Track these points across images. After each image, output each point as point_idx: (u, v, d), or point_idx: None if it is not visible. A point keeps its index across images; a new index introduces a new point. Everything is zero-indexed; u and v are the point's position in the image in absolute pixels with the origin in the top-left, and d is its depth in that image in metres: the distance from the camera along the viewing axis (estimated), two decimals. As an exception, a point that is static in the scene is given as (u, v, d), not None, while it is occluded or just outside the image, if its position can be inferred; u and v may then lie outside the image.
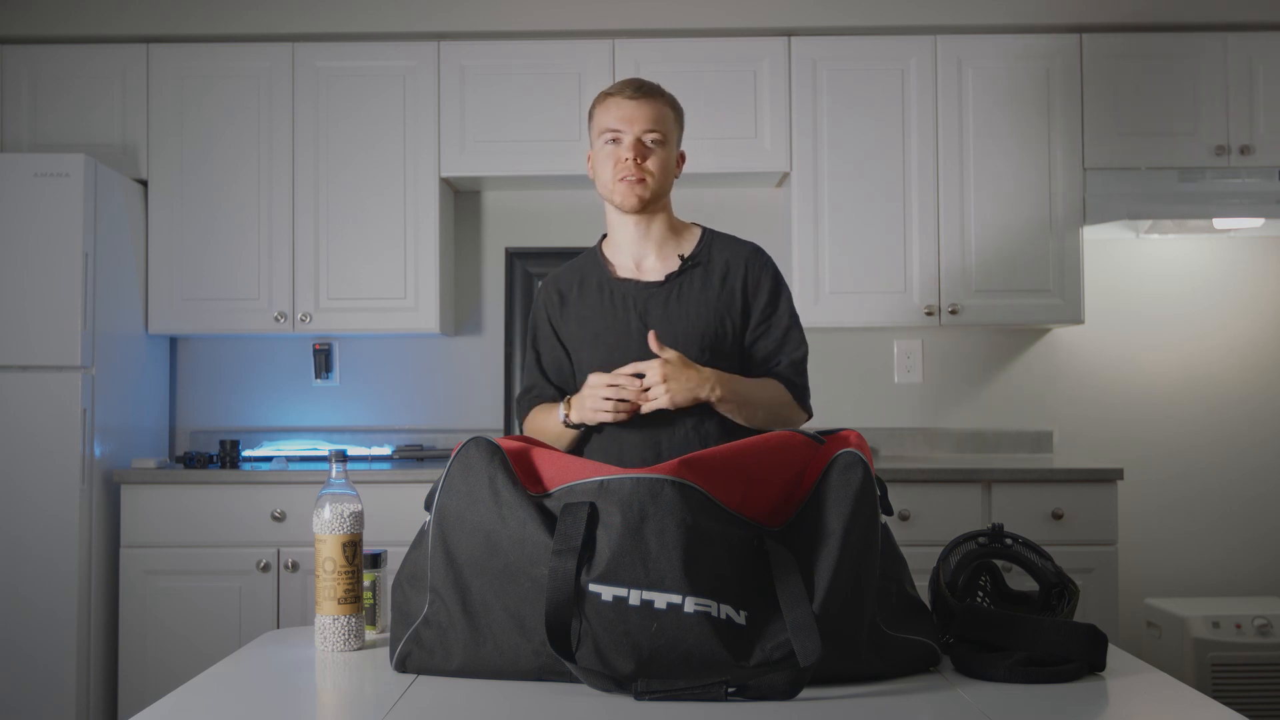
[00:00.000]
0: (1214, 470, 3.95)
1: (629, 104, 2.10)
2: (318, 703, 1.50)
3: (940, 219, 3.66)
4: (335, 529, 1.65)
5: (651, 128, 2.10)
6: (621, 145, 2.10)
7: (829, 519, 1.46)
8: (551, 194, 3.98)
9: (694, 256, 2.16)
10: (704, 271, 2.15)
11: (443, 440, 3.92)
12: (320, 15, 3.68)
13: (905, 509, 3.31)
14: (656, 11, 3.67)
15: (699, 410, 2.05)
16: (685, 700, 1.35)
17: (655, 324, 2.11)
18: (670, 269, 2.15)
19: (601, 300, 2.16)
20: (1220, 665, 3.45)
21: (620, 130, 2.10)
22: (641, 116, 2.10)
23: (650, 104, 2.11)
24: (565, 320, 2.19)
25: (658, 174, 2.11)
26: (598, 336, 2.14)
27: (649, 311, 2.12)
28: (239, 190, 3.69)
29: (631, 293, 2.14)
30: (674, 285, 2.14)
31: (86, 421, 3.30)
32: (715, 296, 2.14)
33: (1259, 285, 3.98)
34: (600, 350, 2.13)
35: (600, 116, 2.13)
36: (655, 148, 2.11)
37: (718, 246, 2.19)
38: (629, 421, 2.04)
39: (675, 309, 2.12)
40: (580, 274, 2.21)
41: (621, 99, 2.11)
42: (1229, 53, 3.66)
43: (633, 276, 2.17)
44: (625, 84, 2.14)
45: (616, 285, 2.16)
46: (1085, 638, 1.48)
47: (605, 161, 2.12)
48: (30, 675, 3.22)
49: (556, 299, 2.21)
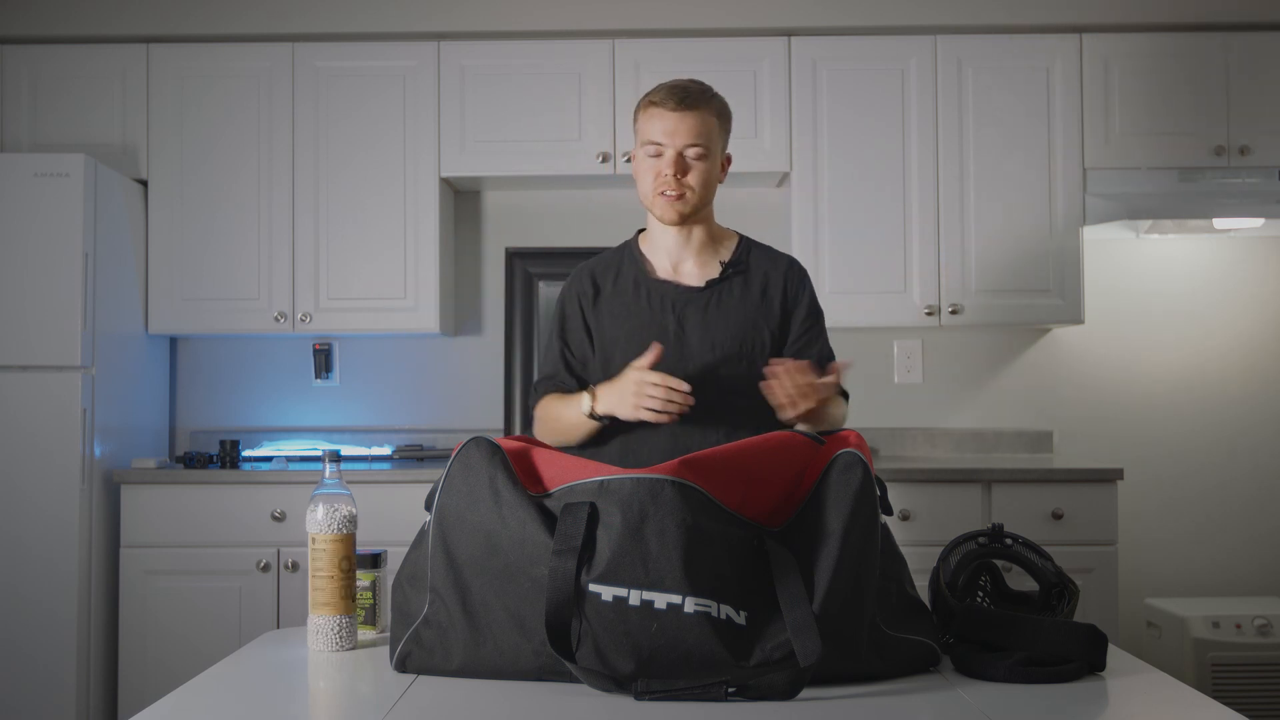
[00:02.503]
0: (1214, 470, 3.95)
1: (671, 116, 2.05)
2: (317, 703, 1.50)
3: (940, 219, 3.66)
4: (328, 529, 1.65)
5: (694, 141, 2.05)
6: (662, 159, 2.06)
7: (829, 519, 1.46)
8: (551, 194, 3.98)
9: (735, 264, 2.15)
10: (744, 280, 2.14)
11: (443, 440, 3.92)
12: (320, 15, 3.68)
13: (905, 509, 3.31)
14: (656, 11, 3.67)
15: (732, 419, 2.04)
16: (685, 700, 1.35)
17: (693, 329, 2.09)
18: (709, 275, 2.14)
19: (638, 298, 2.14)
20: (1220, 665, 3.44)
21: (661, 144, 2.06)
22: (684, 130, 2.05)
23: (693, 116, 2.05)
24: (598, 313, 2.16)
25: (699, 189, 2.08)
26: (632, 336, 2.11)
27: (687, 316, 2.11)
28: (239, 190, 3.69)
29: (670, 295, 2.13)
30: (714, 292, 2.13)
31: (86, 421, 3.30)
32: (754, 306, 2.13)
33: (1259, 285, 3.98)
34: (634, 350, 2.07)
35: (643, 124, 2.09)
36: (697, 162, 2.07)
37: (756, 256, 2.18)
38: (659, 426, 1.99)
39: (715, 315, 2.11)
40: (616, 267, 2.19)
41: (665, 110, 2.06)
42: (1229, 53, 3.66)
43: (671, 279, 2.15)
44: (670, 92, 2.07)
45: (654, 286, 2.14)
46: (1085, 638, 1.48)
47: (646, 173, 2.09)
48: (30, 675, 3.22)
49: (591, 289, 2.18)
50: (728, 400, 2.06)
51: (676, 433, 2.03)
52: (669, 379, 1.93)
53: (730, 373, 2.08)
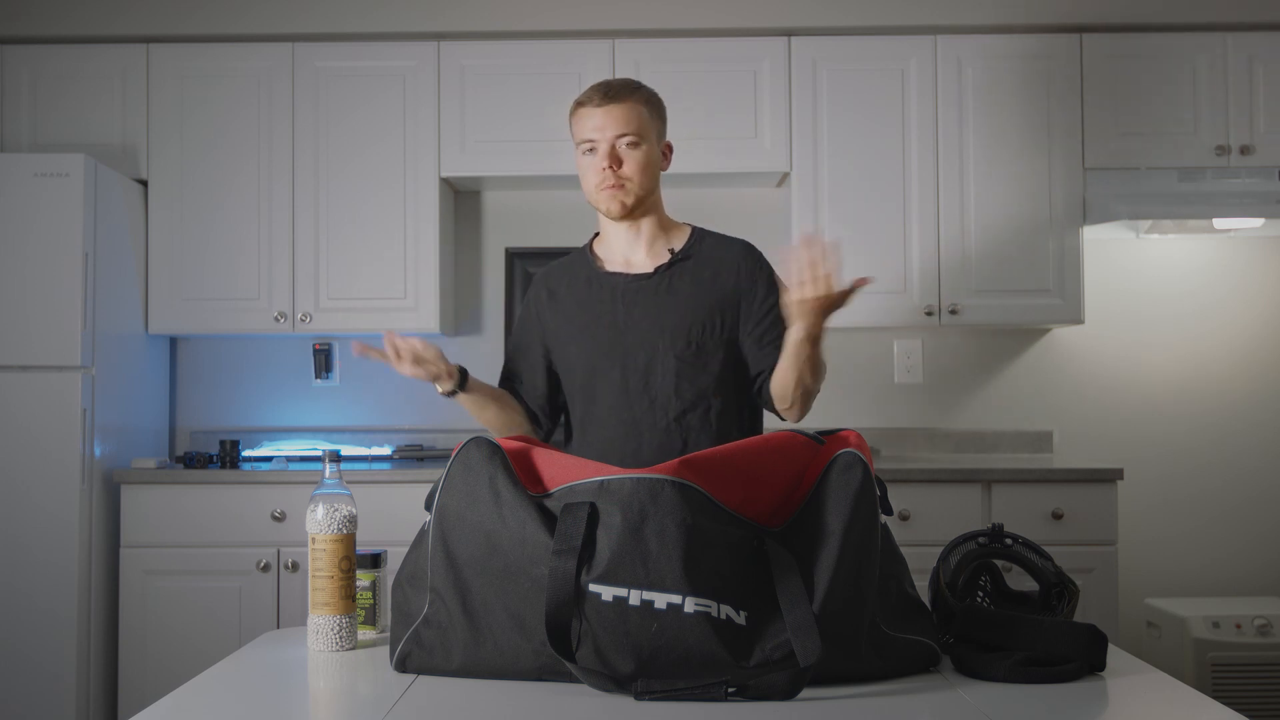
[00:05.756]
0: (1214, 470, 3.95)
1: (597, 112, 2.09)
2: (317, 703, 1.50)
3: (940, 219, 3.66)
4: (328, 529, 1.65)
5: (623, 131, 2.08)
6: (596, 154, 2.09)
7: (829, 519, 1.46)
8: (551, 194, 3.98)
9: (684, 251, 2.16)
10: (694, 266, 2.15)
11: (443, 440, 3.92)
12: (320, 15, 3.68)
13: (905, 509, 3.31)
14: (656, 11, 3.67)
15: (681, 403, 2.08)
16: (685, 700, 1.35)
17: (642, 316, 2.11)
18: (659, 263, 2.15)
19: (590, 293, 2.16)
20: (1220, 665, 3.44)
21: (593, 139, 2.09)
22: (612, 122, 2.08)
23: (620, 107, 2.08)
24: (554, 316, 2.19)
25: (637, 177, 2.09)
26: (583, 330, 2.14)
27: (636, 303, 2.12)
28: (239, 190, 3.69)
29: (620, 285, 2.14)
30: (663, 278, 2.13)
31: (86, 421, 3.30)
32: (706, 291, 2.13)
33: (1259, 285, 3.98)
34: (586, 343, 2.13)
35: (575, 126, 2.13)
36: (630, 151, 2.09)
37: (708, 243, 2.19)
38: (610, 413, 2.09)
39: (665, 300, 2.12)
40: (569, 270, 2.22)
41: (590, 108, 2.10)
42: (1229, 53, 3.66)
43: (621, 271, 2.17)
44: (594, 90, 2.12)
45: (604, 279, 2.16)
46: (1085, 638, 1.48)
47: (585, 172, 2.12)
48: (30, 675, 3.22)
49: (545, 294, 2.22)
50: (678, 385, 2.08)
51: (627, 420, 2.09)
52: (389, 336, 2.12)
53: (680, 357, 2.09)
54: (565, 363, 2.18)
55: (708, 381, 2.10)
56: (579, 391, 2.16)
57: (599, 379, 2.12)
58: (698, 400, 2.09)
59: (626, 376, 2.10)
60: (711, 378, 2.10)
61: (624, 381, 2.10)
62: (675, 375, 2.09)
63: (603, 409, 2.12)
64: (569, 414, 2.23)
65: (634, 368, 2.09)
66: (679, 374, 2.09)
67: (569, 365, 2.17)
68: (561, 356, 2.19)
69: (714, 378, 2.10)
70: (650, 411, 2.08)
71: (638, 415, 2.08)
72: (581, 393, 2.15)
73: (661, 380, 2.09)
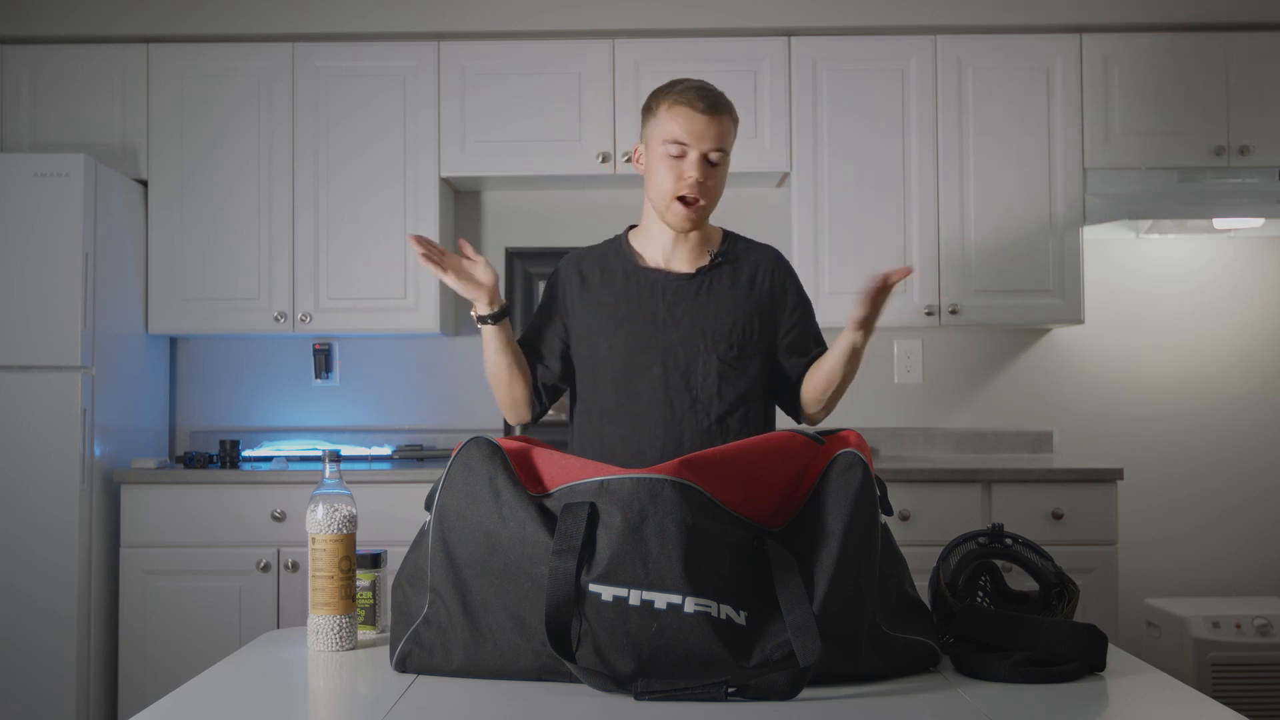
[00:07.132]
0: (1214, 470, 3.95)
1: (701, 119, 2.03)
2: (317, 703, 1.50)
3: (940, 219, 3.66)
4: (328, 529, 1.65)
5: (719, 146, 2.06)
6: (686, 161, 2.05)
7: (829, 519, 1.46)
8: (551, 194, 3.98)
9: (724, 254, 2.17)
10: (733, 270, 2.16)
11: (443, 440, 3.92)
12: (320, 15, 3.68)
13: (905, 509, 3.31)
14: (656, 11, 3.67)
15: (722, 404, 2.09)
16: (685, 700, 1.35)
17: (683, 315, 2.11)
18: (699, 264, 2.15)
19: (628, 288, 2.15)
20: (1220, 665, 3.44)
21: (687, 145, 2.04)
22: (711, 134, 2.04)
23: (720, 121, 2.05)
24: (584, 303, 2.17)
25: (714, 196, 2.10)
26: (621, 324, 2.12)
27: (677, 303, 2.12)
28: (239, 190, 3.69)
29: (660, 283, 2.14)
30: (704, 279, 2.14)
31: (86, 421, 3.30)
32: (745, 295, 2.14)
33: (1259, 285, 3.98)
34: (622, 337, 2.11)
35: (666, 122, 2.06)
36: (716, 167, 2.08)
37: (741, 246, 2.21)
38: (651, 411, 2.08)
39: (706, 302, 2.12)
40: (603, 260, 2.20)
41: (694, 111, 2.04)
42: (1229, 53, 3.66)
43: (660, 268, 2.16)
44: (697, 94, 2.05)
45: (644, 274, 2.15)
46: (1085, 638, 1.48)
47: (665, 173, 2.07)
48: (30, 675, 3.22)
49: (576, 279, 2.19)
50: (720, 387, 2.10)
51: (668, 417, 2.08)
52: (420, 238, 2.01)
53: (723, 359, 2.10)
54: (592, 354, 2.15)
55: (747, 385, 2.12)
56: (611, 385, 2.13)
57: (636, 374, 2.10)
58: (738, 403, 2.11)
59: (667, 373, 2.09)
60: (750, 381, 2.13)
61: (664, 378, 2.09)
62: (718, 377, 2.10)
63: (641, 406, 2.10)
64: (576, 403, 2.21)
65: (674, 365, 2.09)
66: (721, 376, 2.10)
67: (598, 358, 2.14)
68: (586, 346, 2.16)
69: (752, 381, 2.13)
70: (692, 410, 2.08)
71: (679, 413, 2.09)
72: (615, 386, 2.12)
73: (703, 380, 2.09)
